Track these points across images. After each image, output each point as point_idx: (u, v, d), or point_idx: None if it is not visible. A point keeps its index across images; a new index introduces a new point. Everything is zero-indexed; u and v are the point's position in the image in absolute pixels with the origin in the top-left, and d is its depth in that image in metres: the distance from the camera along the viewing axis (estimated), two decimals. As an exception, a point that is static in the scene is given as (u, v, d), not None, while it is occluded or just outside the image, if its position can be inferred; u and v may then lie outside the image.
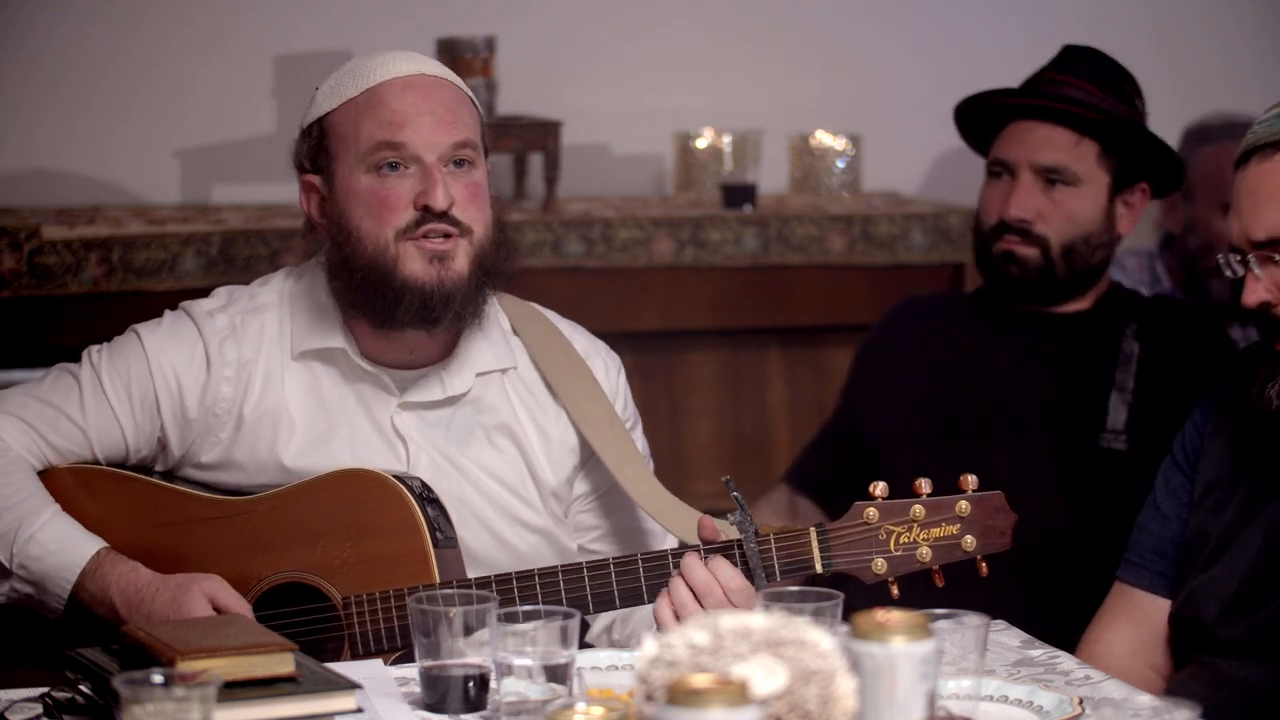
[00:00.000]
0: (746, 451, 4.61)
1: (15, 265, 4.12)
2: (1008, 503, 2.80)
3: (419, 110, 2.92)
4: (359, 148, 2.92)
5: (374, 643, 2.86)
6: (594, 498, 3.09)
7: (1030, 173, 3.67)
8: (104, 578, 2.86)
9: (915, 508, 2.80)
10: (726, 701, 1.94)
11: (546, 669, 2.42)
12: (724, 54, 4.89)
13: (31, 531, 2.88)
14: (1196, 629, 2.93)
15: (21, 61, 4.53)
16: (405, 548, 2.87)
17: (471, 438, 3.01)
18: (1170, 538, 3.02)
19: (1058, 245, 3.67)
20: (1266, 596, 2.87)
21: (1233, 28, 5.05)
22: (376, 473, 2.92)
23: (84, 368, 3.00)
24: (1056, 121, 3.67)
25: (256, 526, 2.93)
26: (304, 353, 3.00)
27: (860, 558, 2.81)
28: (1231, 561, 2.91)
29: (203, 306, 3.03)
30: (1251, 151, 2.88)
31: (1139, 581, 3.04)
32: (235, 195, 4.62)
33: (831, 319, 4.59)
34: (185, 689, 2.10)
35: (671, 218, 4.57)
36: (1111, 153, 3.68)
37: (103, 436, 2.99)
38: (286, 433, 2.97)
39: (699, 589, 2.78)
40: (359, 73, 2.96)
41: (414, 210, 2.90)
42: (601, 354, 3.12)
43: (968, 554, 2.80)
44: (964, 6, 4.95)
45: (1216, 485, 2.97)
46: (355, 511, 2.89)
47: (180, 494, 2.98)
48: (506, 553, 3.00)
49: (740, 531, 2.81)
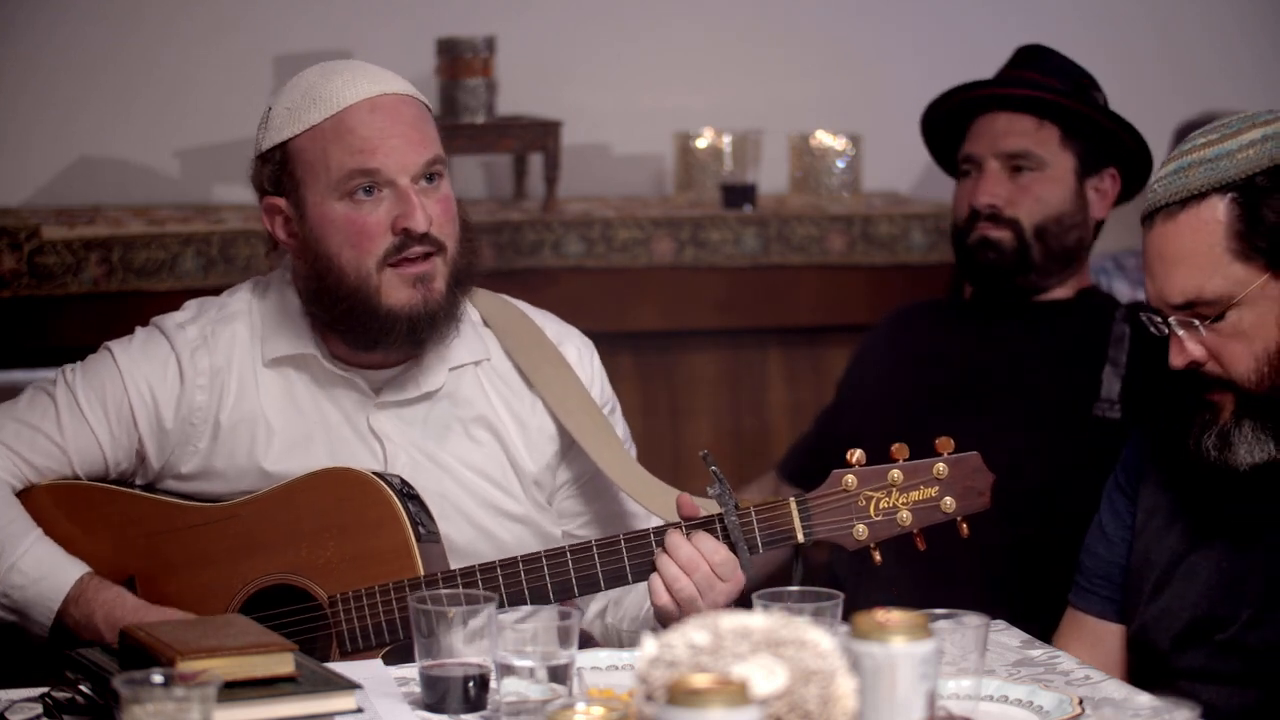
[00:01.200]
0: (746, 451, 4.61)
1: (15, 265, 4.12)
2: (985, 463, 2.83)
3: (387, 134, 2.92)
4: (330, 176, 2.92)
5: (361, 639, 2.87)
6: (577, 484, 3.11)
7: (996, 161, 3.74)
8: (88, 604, 2.87)
9: (893, 472, 2.82)
10: (726, 701, 1.94)
11: (546, 669, 2.42)
12: (724, 54, 4.89)
13: (13, 560, 2.89)
14: (1154, 657, 2.93)
15: (21, 61, 4.53)
16: (388, 544, 2.88)
17: (449, 432, 3.02)
18: (1116, 561, 3.01)
19: (1029, 226, 3.73)
20: (1217, 627, 2.87)
21: (1233, 28, 5.05)
22: (357, 471, 2.93)
23: (59, 386, 3.02)
24: (1016, 109, 3.74)
25: (240, 531, 2.94)
26: (276, 359, 3.01)
27: (841, 525, 2.83)
28: (1180, 592, 2.90)
29: (173, 320, 3.05)
30: (1154, 213, 2.82)
31: (1090, 608, 3.04)
32: (235, 195, 4.62)
33: (831, 319, 4.59)
34: (185, 689, 2.10)
35: (671, 218, 4.57)
36: (1074, 136, 3.74)
37: (81, 453, 2.99)
38: (265, 438, 2.99)
39: (685, 564, 2.81)
40: (319, 97, 2.94)
41: (392, 235, 2.91)
42: (574, 340, 3.13)
43: (947, 515, 2.82)
44: (964, 7, 4.95)
45: (1157, 512, 2.96)
46: (337, 510, 2.91)
47: (163, 503, 2.99)
48: (490, 544, 3.01)
49: (720, 505, 2.83)
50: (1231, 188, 2.78)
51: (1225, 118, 2.86)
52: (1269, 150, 2.78)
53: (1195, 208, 2.79)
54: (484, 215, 4.45)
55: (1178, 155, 2.82)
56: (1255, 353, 2.79)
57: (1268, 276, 2.78)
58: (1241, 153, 2.79)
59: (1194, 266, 2.79)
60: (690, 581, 2.80)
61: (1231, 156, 2.79)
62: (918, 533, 2.83)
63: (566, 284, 4.43)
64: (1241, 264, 2.78)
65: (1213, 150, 2.80)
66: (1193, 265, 2.79)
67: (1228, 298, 2.78)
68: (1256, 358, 2.79)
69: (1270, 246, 2.77)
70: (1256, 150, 2.78)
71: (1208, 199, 2.78)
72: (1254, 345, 2.79)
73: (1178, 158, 2.82)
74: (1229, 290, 2.78)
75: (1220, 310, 2.79)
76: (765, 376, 4.67)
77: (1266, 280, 2.78)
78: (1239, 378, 2.80)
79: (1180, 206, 2.79)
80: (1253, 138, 2.79)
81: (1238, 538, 2.88)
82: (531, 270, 4.43)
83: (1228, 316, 2.79)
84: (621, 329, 4.45)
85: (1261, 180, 2.78)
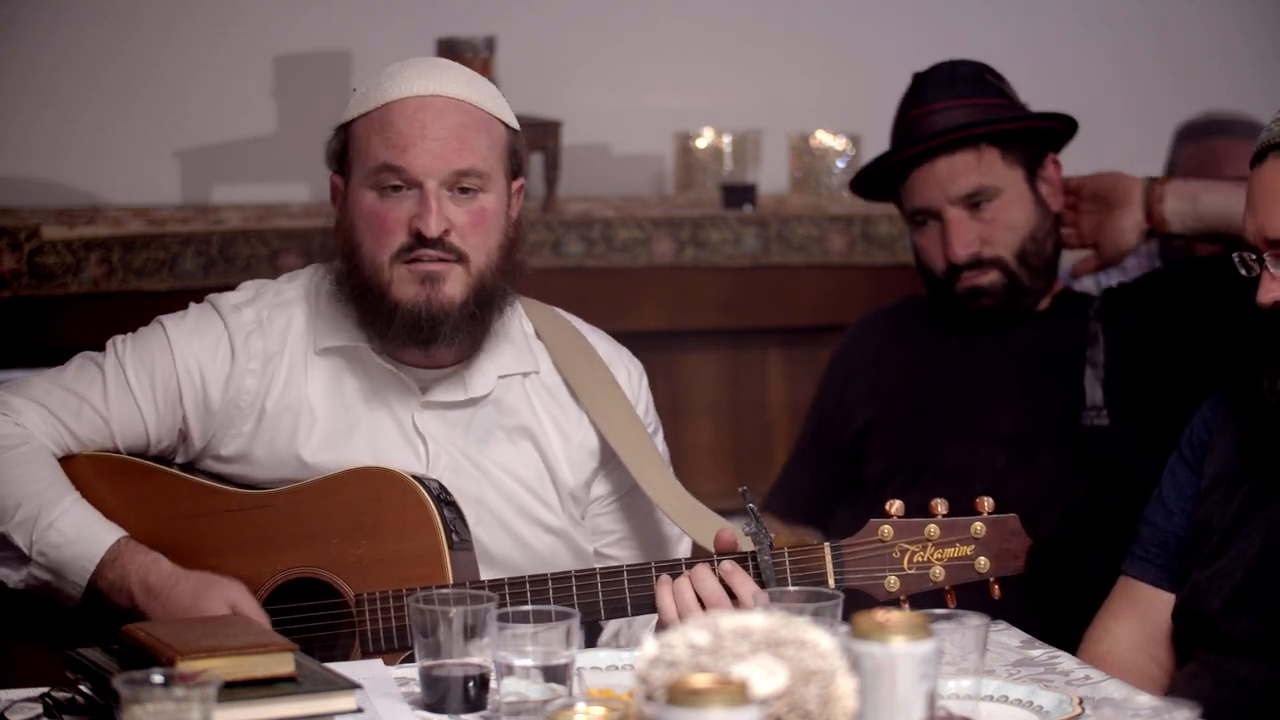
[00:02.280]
0: (746, 451, 4.61)
1: (15, 265, 4.12)
2: (1022, 524, 2.82)
3: (424, 135, 2.92)
4: (367, 164, 2.94)
5: (384, 641, 2.87)
6: (611, 501, 3.10)
7: (954, 208, 3.62)
8: (123, 567, 2.87)
9: (930, 527, 2.81)
10: (726, 701, 1.94)
11: (546, 669, 2.42)
12: (724, 54, 4.89)
13: (51, 519, 2.88)
14: (1200, 622, 2.92)
15: (21, 61, 4.54)
16: (420, 548, 2.88)
17: (491, 437, 3.02)
18: (1175, 531, 3.01)
19: (1012, 258, 3.62)
20: (1272, 590, 2.87)
21: (1233, 28, 5.05)
22: (395, 472, 2.93)
23: (108, 357, 3.01)
24: (949, 151, 3.63)
25: (274, 520, 2.93)
26: (326, 349, 3.01)
27: (873, 574, 2.82)
28: (1237, 555, 2.90)
29: (229, 300, 3.04)
30: (1267, 150, 2.84)
31: (1144, 575, 3.03)
32: (235, 195, 4.62)
33: (831, 319, 4.59)
34: (185, 689, 2.10)
35: (671, 218, 4.57)
36: (1012, 145, 3.64)
37: (124, 426, 2.99)
38: (307, 427, 2.98)
39: (707, 598, 2.79)
40: (383, 85, 2.96)
41: (408, 235, 2.92)
42: (625, 360, 3.14)
43: (981, 575, 2.82)
44: (964, 6, 4.96)
45: (1223, 479, 2.97)
46: (372, 510, 2.90)
47: (200, 485, 2.99)
48: (524, 553, 3.01)
49: (755, 543, 2.82)
50: None
51: None
52: None
53: None
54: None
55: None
56: None
57: None
58: None
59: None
60: (701, 611, 2.77)
61: None
62: (949, 590, 2.82)
63: (567, 284, 4.43)
64: None
65: None
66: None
67: None
68: None
69: None
70: None
71: None
72: None
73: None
74: None
75: None
76: (765, 376, 4.67)
77: None
78: None
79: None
80: None
81: None
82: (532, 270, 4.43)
83: None
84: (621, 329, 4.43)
85: None
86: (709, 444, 4.61)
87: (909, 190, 3.68)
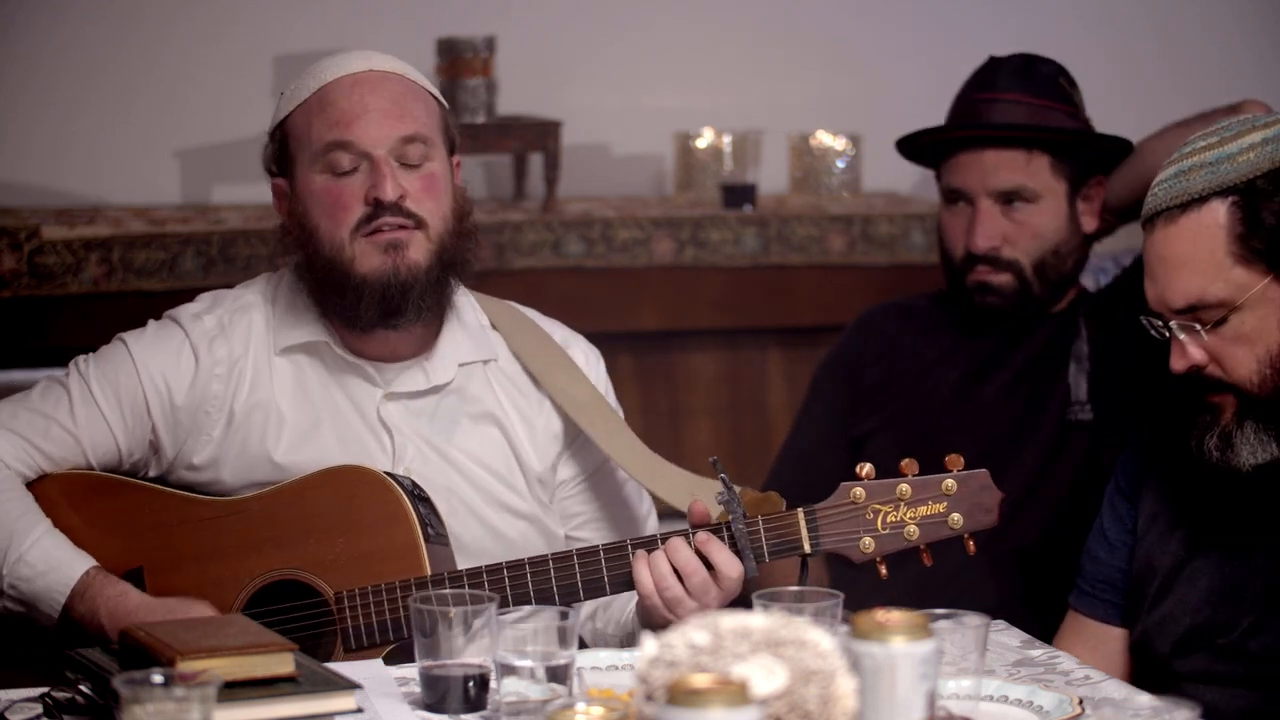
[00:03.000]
0: (746, 451, 4.61)
1: (15, 265, 4.12)
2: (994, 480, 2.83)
3: (365, 107, 2.96)
4: (312, 149, 2.98)
5: (366, 636, 2.88)
6: (578, 483, 3.12)
7: (988, 199, 3.61)
8: (93, 599, 2.88)
9: (902, 486, 2.83)
10: (726, 701, 1.94)
11: (546, 669, 2.42)
12: (724, 54, 4.89)
13: (20, 552, 2.90)
14: (1154, 662, 2.93)
15: (21, 61, 4.53)
16: (396, 543, 2.89)
17: (456, 426, 3.04)
18: (1118, 565, 3.01)
19: (1029, 265, 3.61)
20: (1218, 633, 2.87)
21: (1233, 28, 5.05)
22: (368, 469, 2.94)
23: (71, 376, 3.03)
24: (1001, 145, 3.61)
25: (250, 525, 2.95)
26: (288, 347, 3.03)
27: (848, 537, 2.83)
28: (1182, 598, 2.90)
29: (188, 310, 3.08)
30: (1155, 217, 2.81)
31: (1092, 612, 3.03)
32: (235, 195, 4.62)
33: (831, 319, 4.58)
34: (185, 689, 2.10)
35: (671, 218, 4.57)
36: (1064, 160, 3.63)
37: (95, 441, 3.00)
38: (276, 428, 3.00)
39: (682, 568, 2.82)
40: (313, 74, 3.02)
41: (365, 206, 2.95)
42: (581, 345, 3.17)
43: (954, 531, 2.82)
44: (964, 6, 4.95)
45: (1159, 518, 2.96)
46: (347, 508, 2.92)
47: (174, 496, 3.00)
48: (495, 540, 3.02)
49: (728, 512, 2.83)
50: (1232, 191, 2.77)
51: (1224, 121, 2.85)
52: (1269, 153, 2.78)
53: (1196, 212, 2.78)
54: (484, 215, 4.45)
55: (1178, 159, 2.82)
56: (1257, 355, 2.79)
57: (1269, 280, 2.78)
58: (1242, 156, 2.78)
59: (1195, 271, 2.79)
60: (677, 583, 2.81)
61: (1232, 160, 2.78)
62: (924, 548, 2.83)
63: (566, 284, 4.44)
64: (1243, 268, 2.78)
65: (1213, 154, 2.79)
66: (1194, 269, 2.78)
67: (1229, 302, 2.78)
68: (1259, 360, 2.79)
69: (1271, 250, 2.76)
70: (1256, 153, 2.78)
71: (1208, 203, 2.78)
72: (1255, 348, 2.79)
73: (1177, 161, 2.81)
74: (1230, 294, 2.78)
75: (1222, 314, 2.79)
76: (765, 376, 4.67)
77: (1268, 284, 2.78)
78: (1240, 381, 2.80)
79: (1181, 210, 2.79)
80: (1252, 140, 2.79)
81: (1238, 544, 2.88)
82: (532, 270, 4.43)
83: (1229, 320, 2.79)
84: (621, 329, 4.46)
85: (1262, 183, 2.77)
86: (709, 444, 4.60)
87: (951, 167, 3.67)
